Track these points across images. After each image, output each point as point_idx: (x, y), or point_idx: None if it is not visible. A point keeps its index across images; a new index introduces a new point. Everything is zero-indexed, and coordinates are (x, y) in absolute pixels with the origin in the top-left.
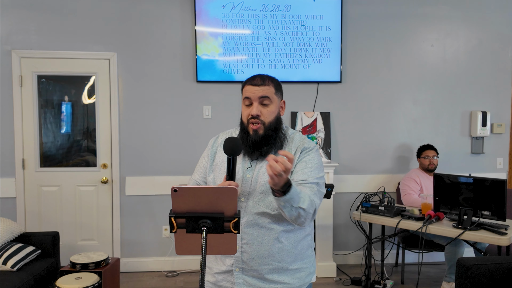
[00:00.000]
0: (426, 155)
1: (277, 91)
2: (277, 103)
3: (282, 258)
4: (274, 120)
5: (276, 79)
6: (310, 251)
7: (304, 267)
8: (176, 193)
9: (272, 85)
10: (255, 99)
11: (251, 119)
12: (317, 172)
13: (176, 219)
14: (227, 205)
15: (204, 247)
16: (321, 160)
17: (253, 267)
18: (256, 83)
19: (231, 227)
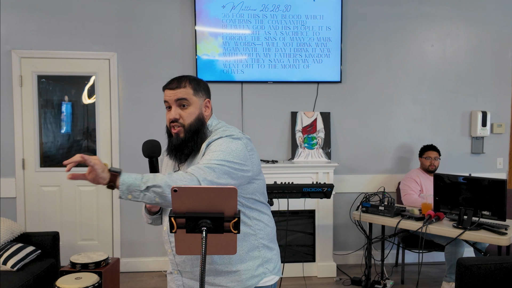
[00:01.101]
0: (428, 156)
1: (197, 91)
2: (197, 103)
3: (214, 259)
4: (194, 122)
5: (197, 79)
6: (256, 253)
7: (244, 270)
8: (176, 193)
9: (190, 86)
10: (172, 103)
11: (171, 123)
12: (222, 155)
13: (176, 219)
14: (227, 205)
15: (204, 247)
16: (237, 147)
17: (186, 269)
18: (172, 86)
19: (231, 227)
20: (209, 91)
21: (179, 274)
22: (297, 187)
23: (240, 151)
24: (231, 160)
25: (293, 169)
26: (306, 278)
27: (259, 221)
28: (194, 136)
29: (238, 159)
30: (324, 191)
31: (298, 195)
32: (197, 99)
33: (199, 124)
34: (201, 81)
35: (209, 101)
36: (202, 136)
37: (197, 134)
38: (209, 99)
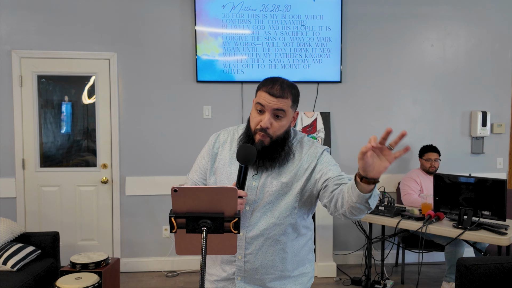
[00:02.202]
0: (428, 158)
1: (294, 103)
2: (290, 116)
3: (285, 267)
4: (282, 134)
5: (296, 89)
6: (311, 255)
7: (306, 272)
8: (176, 193)
9: (291, 98)
10: (269, 110)
11: (260, 130)
12: (336, 169)
13: (176, 219)
14: (227, 205)
15: (204, 247)
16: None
17: (255, 276)
18: (275, 93)
19: (231, 227)
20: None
21: (242, 280)
22: None
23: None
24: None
25: None
26: None
27: (311, 224)
28: (278, 147)
29: None
30: None
31: None
32: (292, 111)
33: (285, 136)
34: (298, 92)
35: (298, 113)
36: (285, 147)
37: (282, 146)
38: (298, 111)
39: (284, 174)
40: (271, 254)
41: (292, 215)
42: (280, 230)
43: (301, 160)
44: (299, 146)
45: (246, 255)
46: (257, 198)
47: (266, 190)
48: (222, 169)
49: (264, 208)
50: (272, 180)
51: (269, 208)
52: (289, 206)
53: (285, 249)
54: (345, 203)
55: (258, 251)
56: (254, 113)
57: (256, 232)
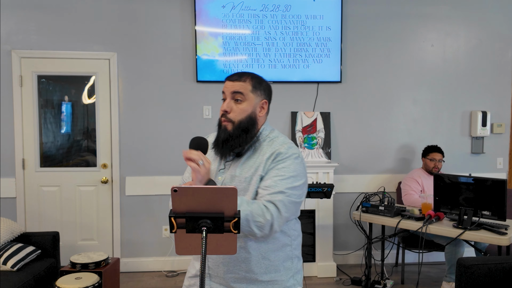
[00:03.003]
0: (433, 158)
1: (256, 89)
2: (252, 101)
3: (250, 268)
4: (245, 119)
5: (260, 78)
6: (289, 263)
7: (278, 280)
8: (176, 193)
9: (250, 82)
10: (228, 94)
11: (222, 116)
12: (290, 181)
13: (176, 219)
14: (227, 205)
15: (204, 247)
16: (301, 168)
17: (219, 274)
18: (232, 78)
19: (231, 227)
20: (270, 93)
21: (208, 277)
22: None
23: (302, 172)
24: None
25: None
26: (306, 278)
27: (294, 231)
28: (243, 133)
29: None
30: (324, 191)
31: None
32: (254, 96)
33: (249, 123)
34: (265, 81)
35: (267, 103)
36: (253, 136)
37: (247, 132)
38: (267, 101)
39: (247, 168)
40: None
41: None
42: None
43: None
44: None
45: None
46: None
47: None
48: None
49: None
50: (236, 175)
51: None
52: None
53: (247, 249)
54: None
55: None
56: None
57: None
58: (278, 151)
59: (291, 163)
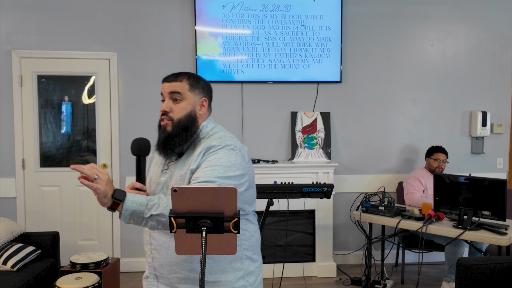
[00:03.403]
0: (437, 158)
1: (193, 87)
2: (191, 100)
3: (193, 267)
4: (184, 118)
5: (197, 77)
6: (238, 264)
7: (224, 281)
8: (176, 193)
9: (187, 82)
10: (166, 95)
11: (162, 115)
12: (221, 171)
13: (176, 219)
14: (227, 205)
15: (204, 247)
16: (238, 160)
17: (163, 274)
18: (169, 79)
19: (231, 227)
20: (209, 91)
21: (155, 278)
22: (297, 187)
23: (239, 164)
24: (231, 175)
25: (293, 169)
26: (306, 278)
27: (245, 231)
28: (182, 132)
29: (238, 171)
30: (324, 191)
31: (298, 195)
32: (192, 95)
33: (189, 121)
34: (202, 80)
35: (206, 100)
36: (192, 134)
37: (186, 131)
38: (206, 99)
39: (182, 165)
40: (173, 251)
41: None
42: None
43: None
44: (208, 138)
45: (152, 250)
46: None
47: (171, 184)
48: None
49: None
50: (174, 173)
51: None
52: None
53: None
54: None
55: (161, 246)
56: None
57: None
58: (210, 144)
59: (224, 154)
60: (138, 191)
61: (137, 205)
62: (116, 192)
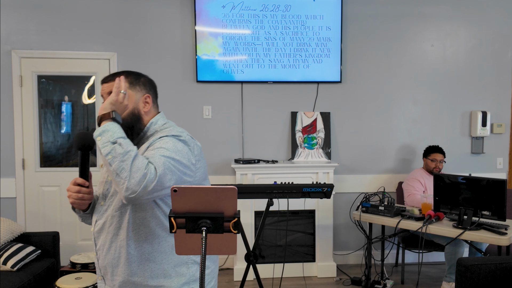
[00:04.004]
0: (434, 158)
1: (133, 85)
2: (132, 98)
3: (133, 270)
4: (128, 117)
5: (136, 74)
6: (184, 269)
7: (166, 286)
8: (176, 193)
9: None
10: (106, 96)
11: None
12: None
13: (175, 219)
14: (227, 205)
15: (204, 247)
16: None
17: (107, 276)
18: (106, 80)
19: (231, 227)
20: (152, 87)
21: (102, 281)
22: (297, 187)
23: (186, 153)
24: (176, 159)
25: (293, 169)
26: (306, 278)
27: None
28: (127, 131)
29: (184, 160)
30: (324, 191)
31: (298, 195)
32: (133, 93)
33: (133, 119)
34: (142, 76)
35: (150, 97)
36: (138, 132)
37: (131, 129)
38: (150, 95)
39: None
40: (114, 251)
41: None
42: (117, 223)
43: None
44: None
45: (97, 251)
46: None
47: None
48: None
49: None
50: None
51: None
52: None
53: (127, 248)
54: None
55: (103, 247)
56: None
57: (99, 225)
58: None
59: (169, 140)
60: (80, 187)
61: (116, 130)
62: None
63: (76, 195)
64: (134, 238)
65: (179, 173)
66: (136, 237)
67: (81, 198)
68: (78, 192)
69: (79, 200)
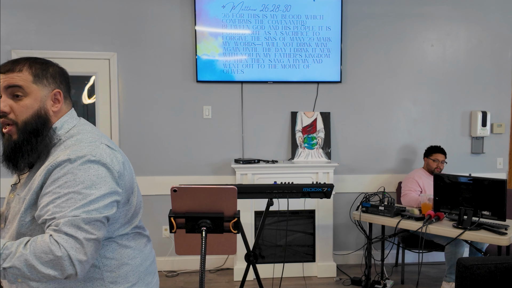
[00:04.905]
0: (436, 159)
1: (39, 78)
2: (38, 95)
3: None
4: (31, 118)
5: (44, 62)
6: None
7: None
8: (176, 193)
9: (29, 71)
10: (2, 91)
11: (1, 118)
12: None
13: (175, 219)
14: (227, 205)
15: (204, 247)
16: (98, 173)
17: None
18: (4, 69)
19: (231, 227)
20: (64, 79)
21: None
22: (297, 187)
23: (102, 178)
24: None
25: (293, 169)
26: (306, 278)
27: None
28: (31, 138)
29: (106, 190)
30: (324, 191)
31: (298, 195)
32: (39, 88)
33: (39, 122)
34: (52, 65)
35: (61, 93)
36: (45, 139)
37: (37, 136)
38: (61, 90)
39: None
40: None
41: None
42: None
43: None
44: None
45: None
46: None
47: (12, 206)
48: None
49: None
50: (17, 193)
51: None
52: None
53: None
54: None
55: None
56: None
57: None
58: (56, 160)
59: (78, 172)
60: None
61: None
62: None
63: None
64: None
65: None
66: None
67: None
68: None
69: None
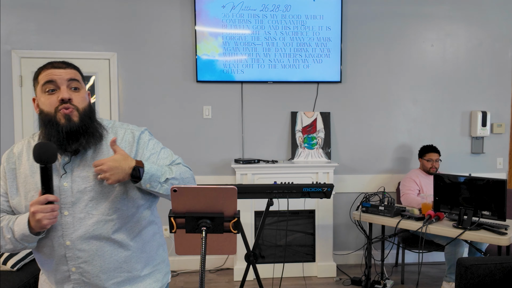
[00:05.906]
0: (430, 158)
1: (83, 79)
2: (85, 91)
3: (132, 266)
4: (88, 108)
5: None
6: (161, 251)
7: (158, 269)
8: (176, 193)
9: (78, 72)
10: (63, 82)
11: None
12: (166, 154)
13: (175, 219)
14: (227, 205)
15: (204, 247)
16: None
17: (98, 284)
18: (61, 66)
19: (231, 227)
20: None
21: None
22: (297, 187)
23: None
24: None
25: (293, 169)
26: (306, 278)
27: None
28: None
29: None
30: (324, 191)
31: (298, 195)
32: (84, 86)
33: (91, 112)
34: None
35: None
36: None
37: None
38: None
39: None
40: (109, 256)
41: (124, 208)
42: (112, 227)
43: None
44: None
45: (80, 264)
46: (75, 199)
47: (83, 187)
48: (25, 181)
49: (86, 207)
50: (88, 174)
51: (93, 206)
52: (118, 198)
53: (127, 246)
54: None
55: (93, 256)
56: (45, 98)
57: (83, 236)
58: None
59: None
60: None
61: (155, 169)
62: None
63: (51, 214)
64: (129, 235)
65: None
66: (132, 234)
67: (56, 216)
68: (53, 210)
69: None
